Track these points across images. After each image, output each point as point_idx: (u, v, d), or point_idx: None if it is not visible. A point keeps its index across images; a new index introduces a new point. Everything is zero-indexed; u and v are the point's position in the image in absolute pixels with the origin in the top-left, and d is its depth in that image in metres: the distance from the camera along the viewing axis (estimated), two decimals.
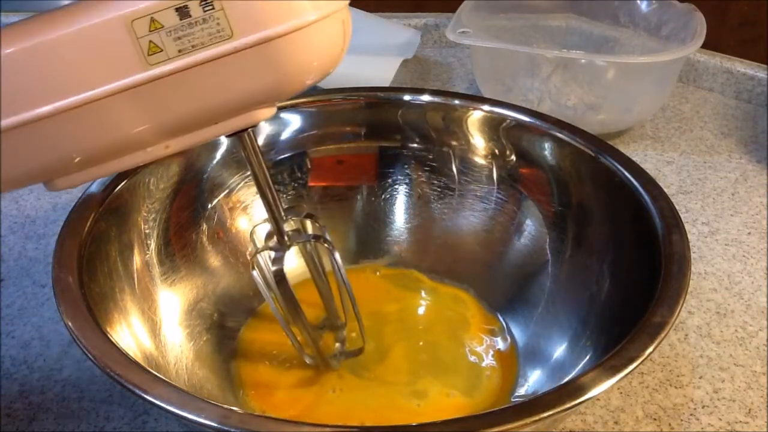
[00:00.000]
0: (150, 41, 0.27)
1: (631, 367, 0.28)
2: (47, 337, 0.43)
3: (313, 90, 0.49)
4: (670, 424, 0.38)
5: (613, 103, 0.65)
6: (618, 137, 0.66)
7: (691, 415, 0.39)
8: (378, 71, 0.67)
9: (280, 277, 0.35)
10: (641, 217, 0.37)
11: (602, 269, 0.39)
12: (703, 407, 0.40)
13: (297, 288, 0.37)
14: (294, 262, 0.41)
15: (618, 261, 0.39)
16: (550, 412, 0.26)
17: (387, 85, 0.66)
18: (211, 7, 0.26)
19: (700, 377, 0.41)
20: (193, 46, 0.27)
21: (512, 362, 0.40)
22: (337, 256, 0.37)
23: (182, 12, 0.26)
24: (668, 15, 0.67)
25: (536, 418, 0.26)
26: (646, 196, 0.37)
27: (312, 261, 0.40)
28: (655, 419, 0.39)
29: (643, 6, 0.70)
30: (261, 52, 0.27)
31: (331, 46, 0.29)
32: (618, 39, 0.72)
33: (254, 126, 0.32)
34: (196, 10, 0.26)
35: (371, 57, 0.70)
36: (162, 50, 0.27)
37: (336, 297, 0.41)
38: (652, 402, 0.40)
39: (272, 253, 0.36)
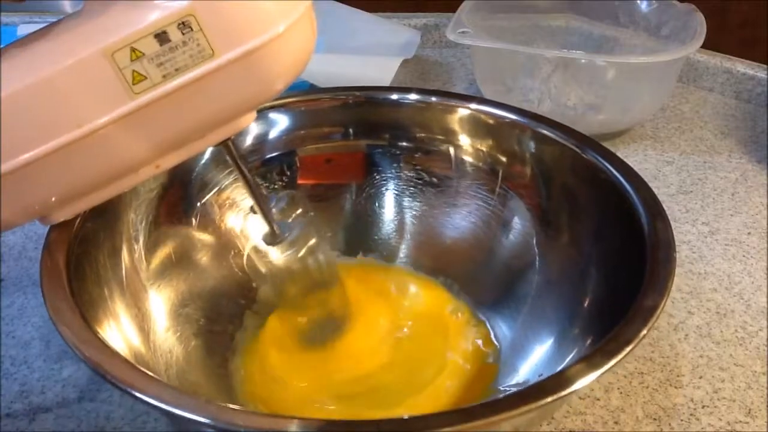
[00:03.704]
0: (133, 71, 0.27)
1: (627, 350, 0.28)
2: (47, 337, 0.43)
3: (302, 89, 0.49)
4: (670, 424, 0.38)
5: (613, 103, 0.65)
6: (618, 137, 0.66)
7: (691, 415, 0.39)
8: (378, 71, 0.67)
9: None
10: (625, 207, 0.37)
11: (589, 262, 0.39)
12: (703, 407, 0.40)
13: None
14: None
15: (605, 252, 0.39)
16: (554, 396, 0.26)
17: (387, 85, 0.66)
18: (189, 29, 0.27)
19: (700, 377, 0.41)
20: (176, 70, 0.27)
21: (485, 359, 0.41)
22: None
23: (161, 38, 0.27)
24: (668, 15, 0.67)
25: (541, 402, 0.26)
26: (628, 187, 0.38)
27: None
28: (655, 419, 0.39)
29: (643, 6, 0.70)
30: (243, 66, 0.28)
31: (306, 43, 0.30)
32: (618, 39, 0.72)
33: (238, 133, 0.32)
34: (174, 33, 0.27)
35: (371, 57, 0.70)
36: (146, 78, 0.27)
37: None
38: (652, 402, 0.40)
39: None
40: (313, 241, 0.38)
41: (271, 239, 0.38)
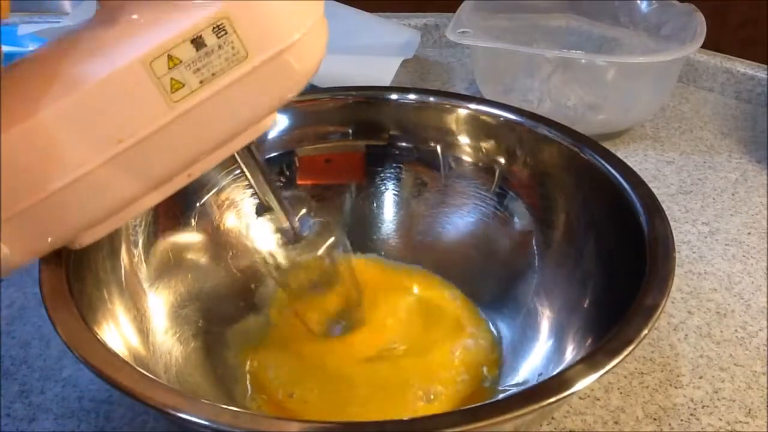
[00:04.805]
0: (171, 79, 0.27)
1: (629, 349, 0.28)
2: (47, 337, 0.43)
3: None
4: (670, 424, 0.38)
5: (613, 103, 0.65)
6: (618, 137, 0.66)
7: (691, 415, 0.39)
8: (378, 71, 0.67)
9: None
10: (624, 206, 0.37)
11: (588, 261, 0.40)
12: (703, 407, 0.40)
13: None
14: None
15: (604, 251, 0.39)
16: (558, 396, 0.26)
17: (387, 85, 0.66)
18: (224, 32, 0.27)
19: (700, 377, 0.41)
20: (213, 74, 0.27)
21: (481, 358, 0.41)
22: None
23: (197, 43, 0.26)
24: (668, 15, 0.67)
25: (545, 403, 0.26)
26: (627, 186, 0.38)
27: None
28: (655, 419, 0.39)
29: (643, 6, 0.70)
30: (274, 66, 0.28)
31: (323, 40, 0.30)
32: (618, 39, 0.72)
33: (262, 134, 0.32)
34: (210, 38, 0.27)
35: (371, 57, 0.70)
36: (184, 85, 0.27)
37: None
38: (652, 402, 0.40)
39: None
40: (332, 240, 0.39)
41: (291, 238, 0.38)
